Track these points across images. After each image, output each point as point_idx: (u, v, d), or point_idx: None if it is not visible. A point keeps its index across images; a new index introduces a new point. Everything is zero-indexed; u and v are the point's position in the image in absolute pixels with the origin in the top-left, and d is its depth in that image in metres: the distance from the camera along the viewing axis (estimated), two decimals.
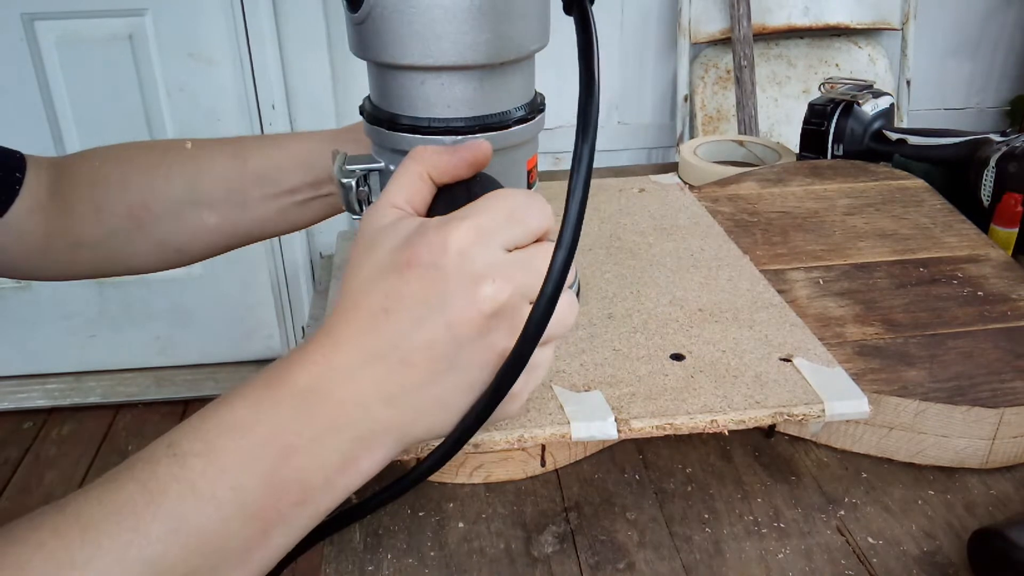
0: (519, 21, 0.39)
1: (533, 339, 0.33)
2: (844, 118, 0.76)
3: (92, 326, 1.84)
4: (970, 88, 1.96)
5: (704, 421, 0.40)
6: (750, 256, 0.56)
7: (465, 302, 0.33)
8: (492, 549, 0.39)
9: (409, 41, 0.38)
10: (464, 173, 0.38)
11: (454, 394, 0.35)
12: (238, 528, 0.31)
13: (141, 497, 0.30)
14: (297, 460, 0.33)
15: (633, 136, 1.88)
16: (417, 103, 0.40)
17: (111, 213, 0.54)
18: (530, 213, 0.36)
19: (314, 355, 0.34)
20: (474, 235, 0.34)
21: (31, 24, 1.55)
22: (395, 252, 0.35)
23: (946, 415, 0.43)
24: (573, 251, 0.33)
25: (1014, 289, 0.54)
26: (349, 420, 0.34)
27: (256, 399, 0.33)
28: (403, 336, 0.34)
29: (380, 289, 0.34)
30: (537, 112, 0.43)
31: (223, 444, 0.32)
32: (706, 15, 1.73)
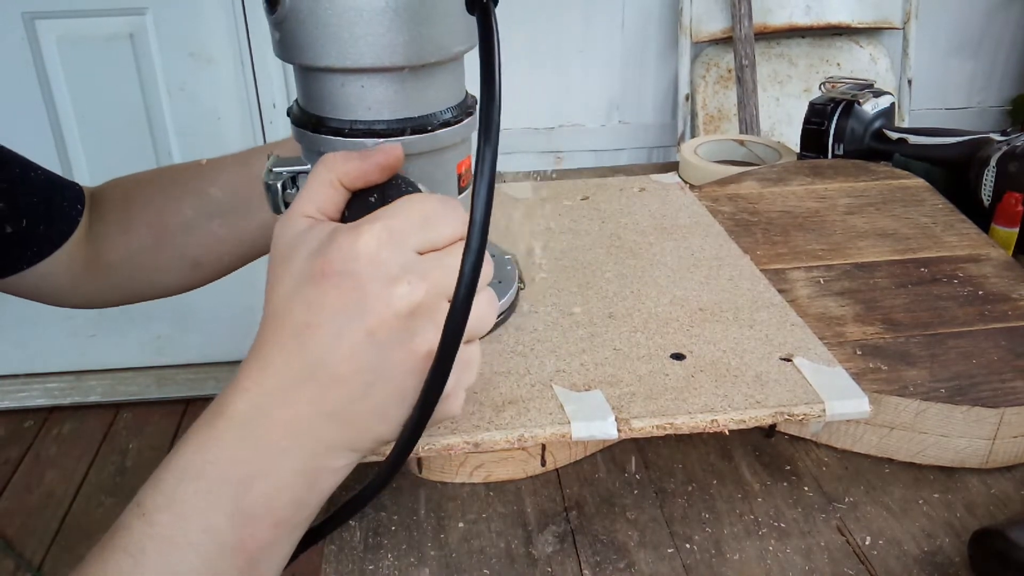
0: (441, 22, 0.38)
1: (452, 341, 0.32)
2: (845, 117, 0.76)
3: (93, 325, 1.84)
4: (971, 87, 1.96)
5: (704, 421, 0.40)
6: (751, 256, 0.56)
7: (381, 305, 0.33)
8: (492, 548, 0.39)
9: (326, 43, 0.37)
10: (376, 177, 0.37)
11: (388, 404, 0.34)
12: (224, 566, 0.32)
13: (127, 563, 0.31)
14: (258, 488, 0.33)
15: (634, 135, 1.88)
16: (339, 105, 0.40)
17: (136, 231, 0.56)
18: (443, 219, 0.35)
19: (246, 382, 0.34)
20: (385, 237, 0.33)
21: (32, 23, 1.55)
22: (309, 262, 0.34)
23: (946, 415, 0.43)
24: (482, 254, 0.32)
25: (1014, 289, 0.54)
26: (296, 440, 0.33)
27: (201, 440, 0.33)
28: (328, 350, 0.33)
29: (300, 303, 0.34)
30: (466, 115, 0.42)
31: (183, 492, 0.32)
32: (707, 14, 1.73)
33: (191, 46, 1.61)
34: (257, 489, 0.33)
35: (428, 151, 0.41)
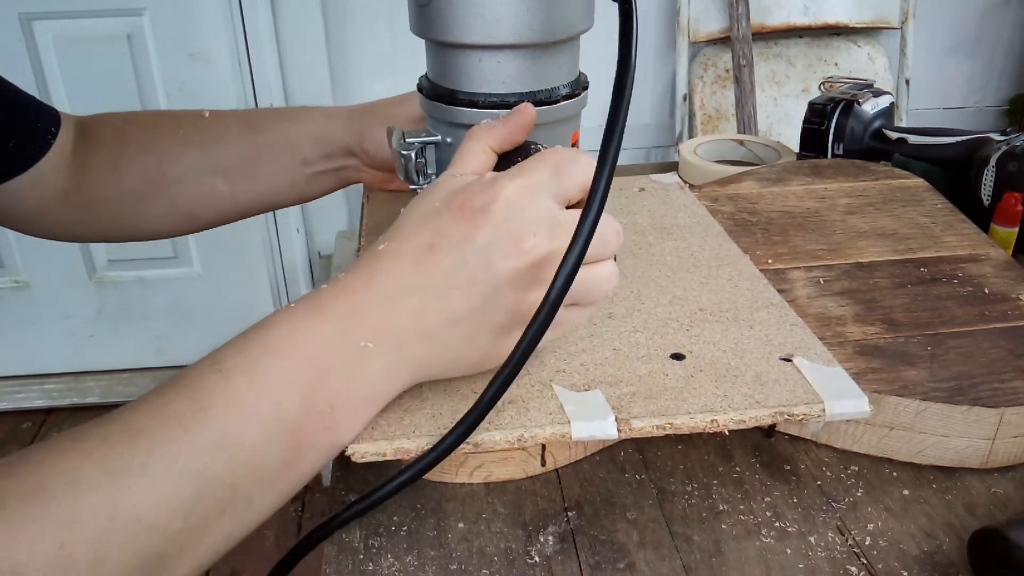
0: (569, 3, 0.43)
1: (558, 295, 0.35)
2: (844, 117, 0.76)
3: (91, 326, 1.84)
4: (970, 87, 1.96)
5: (704, 421, 0.40)
6: (750, 255, 0.56)
7: (508, 249, 0.35)
8: (492, 549, 0.39)
9: (471, 22, 0.41)
10: (519, 137, 0.42)
11: (480, 333, 0.37)
12: (276, 445, 0.33)
13: (189, 409, 0.32)
14: (332, 383, 0.34)
15: (632, 135, 1.88)
16: (474, 79, 0.44)
17: (128, 174, 0.56)
18: (574, 167, 0.38)
19: (354, 283, 0.36)
20: (523, 189, 0.36)
21: (29, 24, 1.54)
22: (449, 196, 0.37)
23: (946, 415, 0.43)
24: (600, 212, 0.35)
25: (1014, 288, 0.54)
26: (381, 348, 0.35)
27: (296, 323, 0.35)
28: (445, 273, 0.36)
29: (429, 227, 0.36)
30: (582, 89, 0.47)
31: (266, 363, 0.34)
32: (705, 14, 1.73)
33: (189, 46, 1.60)
34: (330, 384, 0.34)
35: (549, 122, 0.45)
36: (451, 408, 0.40)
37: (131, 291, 1.81)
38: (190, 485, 0.31)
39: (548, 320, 0.35)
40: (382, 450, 0.38)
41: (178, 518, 0.31)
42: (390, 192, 0.67)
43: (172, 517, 0.30)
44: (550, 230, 0.36)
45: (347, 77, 1.71)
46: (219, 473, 0.32)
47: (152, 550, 0.30)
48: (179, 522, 0.31)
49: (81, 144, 0.56)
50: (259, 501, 0.34)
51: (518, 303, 0.37)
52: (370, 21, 1.67)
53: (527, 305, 0.37)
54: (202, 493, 0.31)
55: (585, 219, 0.35)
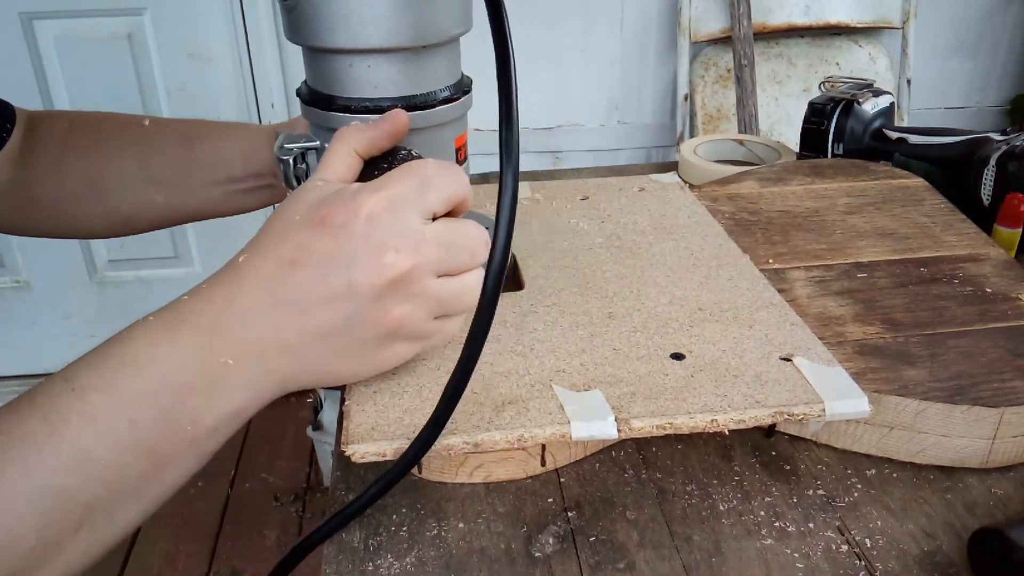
0: (441, 6, 0.42)
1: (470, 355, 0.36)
2: (844, 117, 0.76)
3: (91, 326, 1.84)
4: (970, 87, 1.96)
5: (704, 421, 0.40)
6: (750, 255, 0.56)
7: (368, 265, 0.35)
8: (492, 549, 0.39)
9: (336, 26, 0.41)
10: (386, 143, 0.41)
11: (346, 347, 0.37)
12: (134, 462, 0.33)
13: (43, 429, 0.31)
14: (192, 400, 0.34)
15: (633, 135, 1.88)
16: (347, 84, 0.43)
17: (70, 176, 0.57)
18: (443, 181, 0.38)
19: (215, 296, 0.36)
20: (385, 204, 0.36)
21: (30, 23, 1.54)
22: (311, 209, 0.37)
23: (946, 414, 0.43)
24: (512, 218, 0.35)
25: (1014, 288, 0.54)
26: (242, 363, 0.35)
27: (155, 337, 0.34)
28: (307, 288, 0.35)
29: (291, 241, 0.36)
30: (463, 93, 0.46)
31: (122, 380, 0.33)
32: (706, 14, 1.73)
33: (190, 46, 1.61)
34: (190, 402, 0.34)
35: (429, 127, 0.44)
36: None
37: (132, 291, 1.81)
38: (43, 503, 0.31)
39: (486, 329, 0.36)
40: (382, 450, 0.38)
41: (31, 537, 0.30)
42: None
43: (25, 536, 0.30)
44: (413, 245, 0.36)
45: None
46: (73, 491, 0.31)
47: (5, 566, 0.30)
48: (32, 540, 0.30)
49: (27, 141, 0.57)
50: (120, 515, 0.33)
51: (382, 318, 0.36)
52: None
53: (391, 320, 0.36)
54: (56, 511, 0.31)
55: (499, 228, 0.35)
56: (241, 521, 1.59)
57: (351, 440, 0.38)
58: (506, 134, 0.35)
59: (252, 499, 1.65)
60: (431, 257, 0.36)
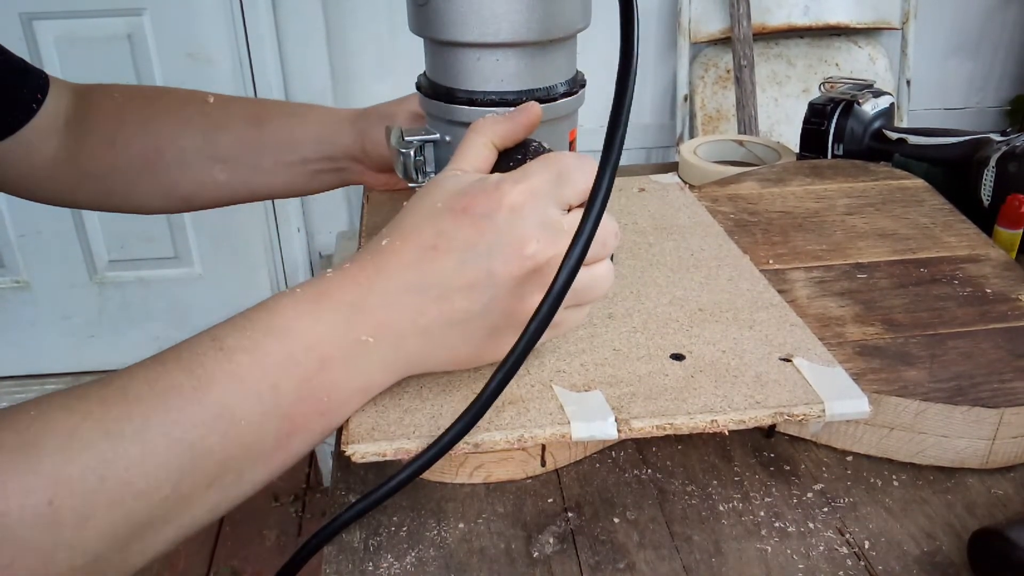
0: (567, 2, 0.43)
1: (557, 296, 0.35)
2: (844, 118, 0.76)
3: (91, 326, 1.84)
4: (970, 88, 1.96)
5: (704, 421, 0.40)
6: (750, 256, 0.56)
7: (509, 255, 0.36)
8: (492, 549, 0.39)
9: (469, 20, 0.42)
10: (521, 135, 0.42)
11: (478, 332, 0.38)
12: (272, 426, 0.34)
13: (188, 382, 0.32)
14: (331, 372, 0.35)
15: (633, 136, 1.88)
16: (473, 77, 0.44)
17: (124, 151, 0.56)
18: (578, 173, 0.38)
19: (358, 276, 0.36)
20: (527, 196, 0.37)
21: (30, 24, 1.55)
22: (453, 197, 0.37)
23: (946, 415, 0.43)
24: (600, 215, 0.35)
25: (1014, 289, 0.54)
26: (380, 343, 0.36)
27: (300, 309, 0.35)
28: (447, 274, 0.36)
29: (432, 227, 0.37)
30: (579, 87, 0.47)
31: (268, 345, 0.34)
32: (706, 15, 1.73)
33: (189, 47, 1.61)
34: (329, 373, 0.35)
35: (548, 120, 0.45)
36: (451, 408, 0.40)
37: (132, 291, 1.81)
38: (182, 456, 0.31)
39: (547, 321, 0.35)
40: (382, 450, 0.38)
41: (167, 486, 0.31)
42: (390, 193, 0.67)
43: (161, 485, 0.31)
44: (551, 236, 0.37)
45: (348, 77, 1.71)
46: (212, 447, 0.32)
47: (138, 515, 0.31)
48: (167, 490, 0.31)
49: (78, 113, 0.56)
50: (248, 477, 0.34)
51: (516, 307, 0.37)
52: (371, 20, 1.67)
53: (525, 309, 0.37)
54: (193, 464, 0.32)
55: (586, 222, 0.35)
56: (241, 521, 1.59)
57: (351, 440, 0.38)
58: (610, 134, 0.35)
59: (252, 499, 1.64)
60: (565, 249, 0.36)
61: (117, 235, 1.76)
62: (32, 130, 0.54)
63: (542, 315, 0.35)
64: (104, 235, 1.76)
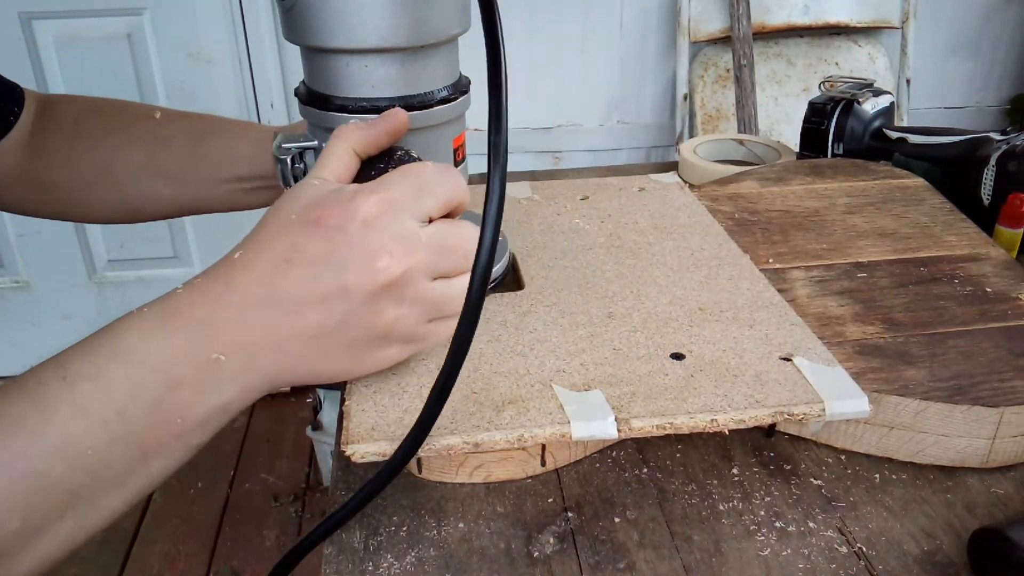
0: (438, 7, 0.42)
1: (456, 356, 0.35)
2: (844, 117, 0.76)
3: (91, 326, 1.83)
4: (970, 87, 1.96)
5: (704, 420, 0.40)
6: (750, 255, 0.56)
7: (362, 269, 0.35)
8: (492, 549, 0.39)
9: (333, 26, 0.41)
10: (385, 142, 0.41)
11: (336, 348, 0.37)
12: (121, 452, 0.33)
13: (32, 415, 0.32)
14: (182, 393, 0.34)
15: (632, 135, 1.88)
16: (344, 84, 0.43)
17: (79, 165, 0.57)
18: (440, 185, 0.38)
19: (209, 291, 0.36)
20: (382, 207, 0.36)
21: (29, 23, 1.54)
22: (307, 209, 0.36)
23: (946, 414, 0.43)
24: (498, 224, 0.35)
25: (1014, 288, 0.54)
26: (232, 360, 0.35)
27: (147, 329, 0.34)
28: (299, 288, 0.35)
29: (286, 240, 0.36)
30: (461, 93, 0.46)
31: (114, 370, 0.33)
32: (706, 14, 1.73)
33: (189, 46, 1.61)
34: (180, 395, 0.34)
35: (427, 127, 0.44)
36: (450, 408, 0.40)
37: (131, 291, 1.81)
38: (28, 488, 0.31)
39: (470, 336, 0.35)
40: (382, 450, 0.38)
41: (15, 520, 0.31)
42: None
43: (9, 518, 0.30)
44: (406, 249, 0.36)
45: None
46: (59, 478, 0.31)
47: None
48: (16, 523, 0.31)
49: (39, 125, 0.57)
50: (104, 504, 0.33)
51: (374, 321, 0.36)
52: None
53: (383, 323, 0.37)
54: (41, 496, 0.31)
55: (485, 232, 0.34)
56: (241, 521, 1.59)
57: (351, 440, 0.38)
58: (495, 136, 0.34)
59: (252, 499, 1.65)
60: (425, 260, 0.36)
61: (116, 235, 1.76)
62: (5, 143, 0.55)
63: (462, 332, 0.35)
64: (103, 235, 1.76)
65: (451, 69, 0.46)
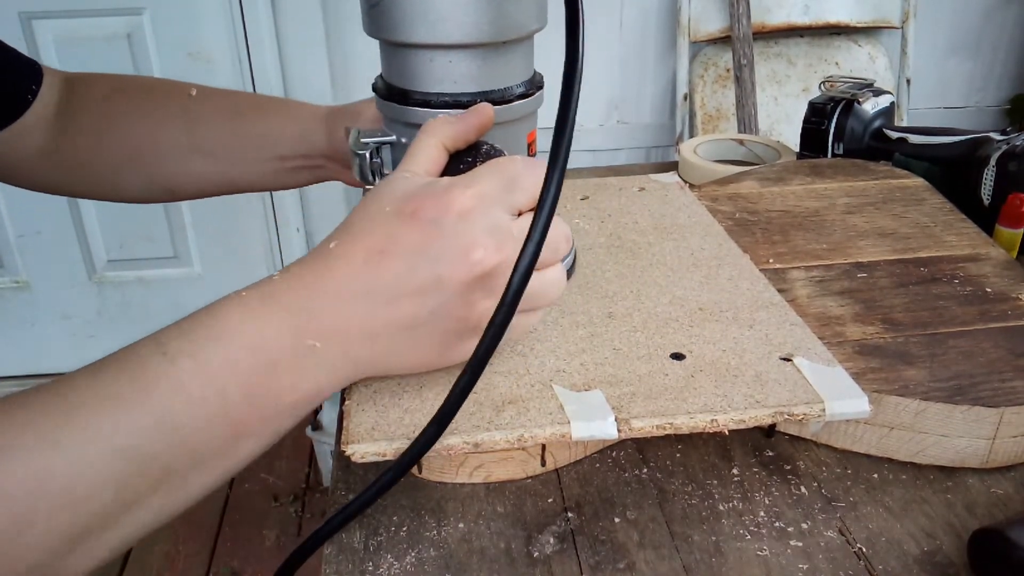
0: (520, 3, 0.42)
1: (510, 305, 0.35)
2: (844, 117, 0.76)
3: (91, 326, 1.84)
4: (970, 87, 1.96)
5: (704, 421, 0.40)
6: (750, 255, 0.56)
7: (457, 261, 0.36)
8: (492, 549, 0.39)
9: (419, 22, 0.41)
10: (473, 136, 0.41)
11: (427, 338, 0.37)
12: (216, 431, 0.33)
13: (130, 388, 0.32)
14: (278, 377, 0.34)
15: (632, 135, 1.88)
16: (426, 79, 0.44)
17: (110, 146, 0.57)
18: (529, 179, 0.38)
19: (305, 279, 0.36)
20: (475, 201, 0.36)
21: (29, 23, 1.54)
22: (402, 201, 0.37)
23: (946, 414, 0.43)
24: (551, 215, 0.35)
25: (1015, 288, 0.54)
26: (327, 347, 0.35)
27: (247, 311, 0.35)
28: (395, 279, 0.36)
29: (381, 231, 0.36)
30: (536, 88, 0.46)
31: (212, 350, 0.33)
32: (706, 14, 1.73)
33: (189, 46, 1.61)
34: (274, 378, 0.34)
35: (504, 122, 0.45)
36: None
37: (131, 291, 1.81)
38: (124, 463, 0.31)
39: (503, 327, 0.35)
40: (382, 450, 0.38)
41: (108, 493, 0.31)
42: None
43: (102, 491, 0.31)
44: (499, 242, 0.36)
45: (347, 76, 1.71)
46: (155, 453, 0.32)
47: (79, 521, 0.30)
48: (109, 497, 0.31)
49: (65, 104, 0.56)
50: (194, 481, 0.34)
51: (466, 313, 0.37)
52: None
53: (475, 314, 0.37)
54: (135, 471, 0.31)
55: (536, 226, 0.35)
56: (240, 521, 1.59)
57: (351, 440, 0.38)
58: (557, 137, 0.35)
59: (251, 499, 1.65)
60: (514, 254, 0.36)
61: (116, 235, 1.76)
62: (25, 121, 0.55)
63: (498, 322, 0.35)
64: (103, 235, 1.76)
65: (527, 65, 0.46)
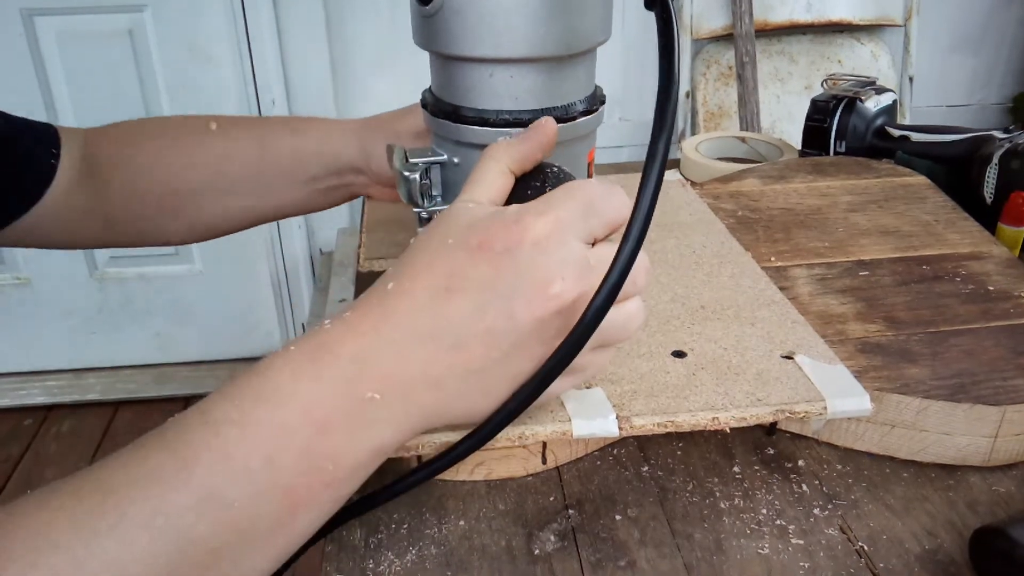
0: (587, 14, 0.39)
1: (578, 341, 0.32)
2: (847, 114, 0.76)
3: (92, 323, 1.84)
4: (973, 85, 1.95)
5: (706, 418, 0.40)
6: (752, 253, 0.56)
7: (533, 295, 0.32)
8: (493, 547, 0.39)
9: (481, 34, 0.38)
10: (539, 157, 0.38)
11: (498, 383, 0.34)
12: (268, 504, 0.30)
13: (172, 464, 0.29)
14: (333, 437, 0.31)
15: (635, 132, 1.88)
16: (484, 95, 0.40)
17: (141, 198, 0.55)
18: (607, 204, 0.35)
19: (361, 325, 0.33)
20: (551, 228, 0.33)
21: (30, 19, 1.54)
22: (467, 232, 0.33)
23: (948, 413, 0.43)
24: (639, 246, 0.32)
25: (1017, 286, 0.54)
26: (388, 399, 0.32)
27: (296, 369, 0.32)
28: (463, 319, 0.32)
29: (445, 266, 0.33)
30: (599, 104, 0.43)
31: (259, 415, 0.30)
32: (708, 11, 1.73)
33: (191, 42, 1.60)
34: (330, 440, 0.31)
35: (565, 141, 0.41)
36: None
37: (132, 288, 1.81)
38: (168, 547, 0.28)
39: (569, 359, 0.33)
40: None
41: None
42: None
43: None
44: (578, 273, 0.33)
45: (348, 74, 1.71)
46: (202, 535, 0.29)
47: None
48: None
49: (88, 163, 0.55)
50: (247, 565, 0.31)
51: (540, 353, 0.33)
52: (372, 18, 1.67)
53: (549, 355, 0.34)
54: (181, 556, 0.28)
55: (620, 255, 0.32)
56: None
57: None
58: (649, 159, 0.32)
59: None
60: (593, 286, 0.33)
61: None
62: (54, 191, 0.53)
63: (564, 351, 0.32)
64: None
65: (590, 80, 0.43)
